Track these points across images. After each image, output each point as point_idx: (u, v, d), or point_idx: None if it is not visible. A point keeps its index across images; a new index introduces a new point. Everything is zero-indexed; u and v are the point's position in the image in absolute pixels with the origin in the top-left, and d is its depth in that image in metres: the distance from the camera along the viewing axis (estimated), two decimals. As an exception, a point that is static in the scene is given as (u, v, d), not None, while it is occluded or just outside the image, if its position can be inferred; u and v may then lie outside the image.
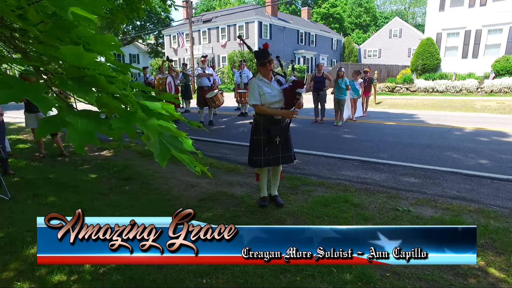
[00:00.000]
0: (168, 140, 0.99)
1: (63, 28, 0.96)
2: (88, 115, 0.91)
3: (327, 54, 39.63)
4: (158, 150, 0.95)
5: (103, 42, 1.02)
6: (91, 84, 0.93)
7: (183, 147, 1.01)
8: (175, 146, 0.99)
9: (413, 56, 20.63)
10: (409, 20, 58.52)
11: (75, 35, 0.97)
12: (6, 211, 3.61)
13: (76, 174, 5.07)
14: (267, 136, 3.50)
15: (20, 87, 0.84)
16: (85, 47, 0.99)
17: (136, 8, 4.93)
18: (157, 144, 0.95)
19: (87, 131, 0.86)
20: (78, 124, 0.86)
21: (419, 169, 5.05)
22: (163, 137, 0.98)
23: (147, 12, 32.06)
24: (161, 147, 0.96)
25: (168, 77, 9.94)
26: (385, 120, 10.21)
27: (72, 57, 0.87)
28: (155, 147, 0.95)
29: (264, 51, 3.42)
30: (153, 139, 0.94)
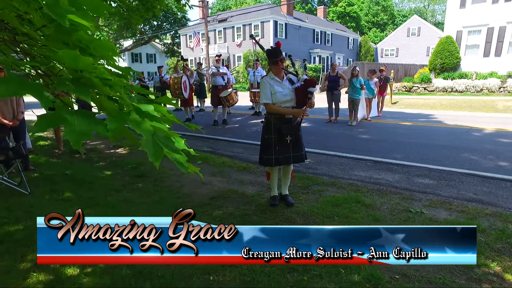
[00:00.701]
0: (161, 140, 1.01)
1: (64, 32, 1.00)
2: (84, 114, 0.95)
3: (343, 53, 39.19)
4: (151, 150, 0.97)
5: (102, 46, 1.06)
6: (87, 85, 0.96)
7: (175, 147, 1.03)
8: (168, 145, 1.01)
9: (431, 55, 20.14)
10: (428, 18, 57.20)
11: (76, 39, 1.02)
12: (26, 205, 3.74)
13: (91, 170, 5.20)
14: (278, 135, 3.49)
15: (22, 83, 0.88)
16: (85, 51, 1.03)
17: (151, 7, 5.01)
18: (150, 144, 0.97)
19: (83, 128, 0.90)
20: (75, 121, 0.89)
21: (434, 170, 4.94)
22: (156, 137, 1.00)
23: (164, 12, 32.49)
24: (154, 147, 0.98)
25: (183, 76, 10.04)
26: (401, 120, 10.02)
27: (69, 60, 0.91)
28: (148, 147, 0.97)
29: (276, 50, 3.42)
30: (146, 139, 0.97)
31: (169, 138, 1.02)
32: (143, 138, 0.96)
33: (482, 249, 2.68)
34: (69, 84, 0.93)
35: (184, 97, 10.15)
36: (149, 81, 13.98)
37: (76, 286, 2.24)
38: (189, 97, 10.39)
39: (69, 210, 3.58)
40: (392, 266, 2.48)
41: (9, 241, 2.89)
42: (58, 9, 0.88)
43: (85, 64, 0.93)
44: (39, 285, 2.27)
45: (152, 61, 46.11)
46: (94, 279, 2.32)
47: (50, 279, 2.33)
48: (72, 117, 0.90)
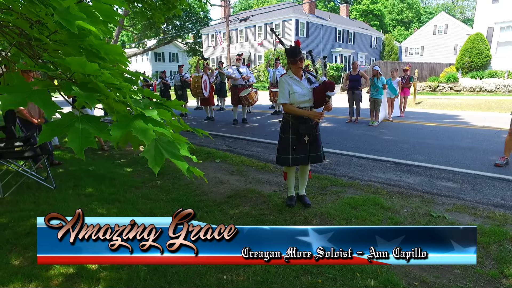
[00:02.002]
0: (164, 146, 1.01)
1: (76, 37, 1.03)
2: (89, 120, 0.97)
3: (365, 52, 38.44)
4: (152, 157, 0.97)
5: (112, 51, 1.08)
6: (93, 90, 0.99)
7: (178, 153, 1.03)
8: (170, 151, 1.01)
9: (459, 53, 19.45)
10: (456, 15, 55.17)
11: (87, 44, 1.04)
12: (51, 199, 3.89)
13: (113, 167, 5.35)
14: (296, 135, 3.46)
15: (27, 92, 0.91)
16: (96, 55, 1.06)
17: (172, 6, 5.08)
18: (152, 150, 0.98)
19: (87, 136, 0.91)
20: (80, 129, 0.91)
21: (459, 173, 4.76)
22: (159, 142, 1.00)
23: (186, 12, 32.96)
24: (156, 153, 0.98)
25: (204, 75, 10.14)
26: (425, 121, 9.72)
27: (76, 66, 0.93)
28: (149, 154, 0.97)
29: (296, 49, 3.37)
30: (148, 146, 0.97)
31: (173, 143, 1.03)
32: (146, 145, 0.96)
33: (510, 259, 2.55)
34: (76, 88, 0.96)
35: (204, 96, 10.25)
36: (171, 80, 14.20)
37: (94, 279, 2.30)
38: (209, 96, 10.49)
39: (91, 205, 3.70)
40: (410, 272, 2.41)
41: (35, 234, 2.98)
42: (68, 15, 0.90)
43: (92, 69, 0.95)
44: (60, 277, 2.35)
45: (175, 60, 46.88)
46: (111, 273, 2.37)
47: (70, 271, 2.40)
48: (77, 125, 0.92)
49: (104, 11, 1.05)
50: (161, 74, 13.41)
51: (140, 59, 46.42)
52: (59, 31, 1.01)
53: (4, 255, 2.64)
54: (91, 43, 1.04)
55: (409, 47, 39.40)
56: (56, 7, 0.91)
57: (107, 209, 3.60)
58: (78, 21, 0.91)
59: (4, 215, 3.41)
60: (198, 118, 11.30)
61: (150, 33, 33.43)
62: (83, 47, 1.05)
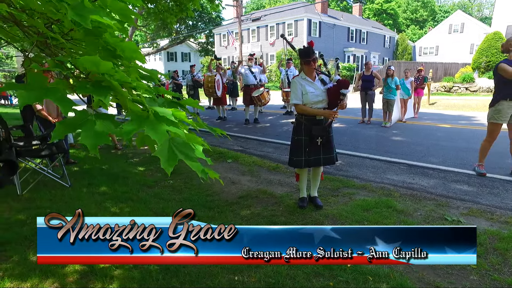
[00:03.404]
0: (178, 147, 1.00)
1: (92, 34, 1.04)
2: (103, 117, 0.98)
3: (378, 51, 37.98)
4: (165, 157, 0.96)
5: (128, 48, 1.09)
6: (107, 88, 0.99)
7: (192, 154, 1.02)
8: (183, 152, 1.00)
9: (475, 52, 19.02)
10: (473, 13, 53.99)
11: (103, 41, 1.05)
12: (66, 197, 3.97)
13: (126, 166, 5.42)
14: (309, 137, 3.44)
15: (43, 89, 0.93)
16: (112, 53, 1.07)
17: (185, 8, 5.13)
18: (165, 150, 0.97)
19: (99, 134, 0.92)
20: (93, 126, 0.92)
21: (474, 176, 4.66)
22: (173, 142, 0.99)
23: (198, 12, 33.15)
24: (169, 153, 0.97)
25: (217, 75, 10.20)
26: (439, 122, 9.54)
27: (90, 64, 0.94)
28: (162, 154, 0.96)
29: (309, 49, 3.36)
30: (161, 146, 0.96)
31: (187, 144, 1.02)
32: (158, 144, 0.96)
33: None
34: (89, 87, 0.97)
35: (217, 96, 10.30)
36: (182, 79, 14.32)
37: (108, 277, 2.34)
38: (222, 96, 10.53)
39: (104, 203, 3.76)
40: (424, 277, 2.37)
41: (50, 231, 3.07)
42: (83, 10, 0.91)
43: (105, 68, 0.95)
44: (75, 274, 2.40)
45: (187, 59, 47.22)
46: (124, 272, 2.41)
47: (84, 269, 2.45)
48: (90, 122, 0.94)
49: (120, 10, 1.06)
50: (173, 74, 13.52)
51: (153, 59, 46.91)
52: (75, 29, 1.03)
53: (23, 251, 2.70)
54: (107, 40, 1.05)
55: (423, 47, 38.76)
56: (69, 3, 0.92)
57: (120, 208, 3.65)
58: (93, 15, 0.91)
59: (22, 211, 3.50)
60: (210, 118, 11.36)
61: (163, 33, 33.76)
62: (99, 45, 1.06)
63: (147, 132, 0.95)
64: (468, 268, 2.46)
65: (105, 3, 1.05)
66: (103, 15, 0.92)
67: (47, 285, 2.29)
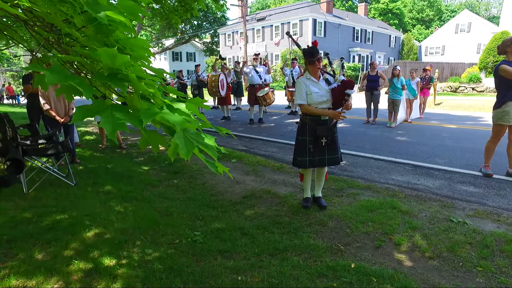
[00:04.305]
0: (192, 136, 1.01)
1: (103, 32, 1.04)
2: (119, 108, 0.99)
3: (384, 51, 37.77)
4: (183, 143, 0.97)
5: (138, 45, 1.09)
6: (123, 79, 1.01)
7: (207, 143, 1.03)
8: (199, 141, 1.01)
9: (482, 52, 18.83)
10: (481, 12, 53.47)
11: (113, 39, 1.06)
12: (71, 196, 3.99)
13: (131, 165, 5.45)
14: (313, 137, 3.43)
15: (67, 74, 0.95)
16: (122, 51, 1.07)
17: (190, 8, 5.14)
18: (182, 137, 0.98)
19: (118, 120, 0.94)
20: (111, 113, 0.93)
21: (481, 177, 4.61)
22: (187, 133, 1.00)
23: (203, 12, 33.23)
24: (186, 140, 0.98)
25: (221, 75, 10.21)
26: (445, 122, 9.47)
27: (107, 58, 0.95)
28: (180, 140, 0.97)
29: (313, 49, 3.34)
30: (179, 132, 0.97)
31: (200, 134, 1.03)
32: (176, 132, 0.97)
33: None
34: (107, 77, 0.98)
35: (221, 95, 10.31)
36: (187, 79, 14.36)
37: (112, 276, 2.35)
38: (226, 95, 10.55)
39: (109, 202, 3.78)
40: (429, 279, 2.35)
41: (56, 229, 3.10)
42: (97, 6, 0.92)
43: (122, 61, 0.96)
44: (80, 273, 2.42)
45: (192, 59, 47.33)
46: (128, 270, 2.42)
47: (89, 267, 2.47)
48: (108, 110, 0.95)
49: (128, 7, 1.07)
50: (178, 74, 13.56)
51: (158, 59, 47.10)
52: (87, 26, 1.04)
53: (28, 249, 2.73)
54: (117, 38, 1.06)
55: (429, 47, 38.47)
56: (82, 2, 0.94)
57: (125, 207, 3.67)
58: (107, 12, 0.92)
59: (28, 210, 3.53)
60: (214, 117, 11.38)
61: (168, 32, 33.90)
62: (108, 43, 1.07)
63: (163, 119, 0.95)
64: (474, 270, 2.43)
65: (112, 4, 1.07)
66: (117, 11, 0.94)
67: (51, 283, 2.30)
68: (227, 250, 2.73)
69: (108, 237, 2.95)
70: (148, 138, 1.12)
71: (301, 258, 2.61)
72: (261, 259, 2.60)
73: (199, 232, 3.06)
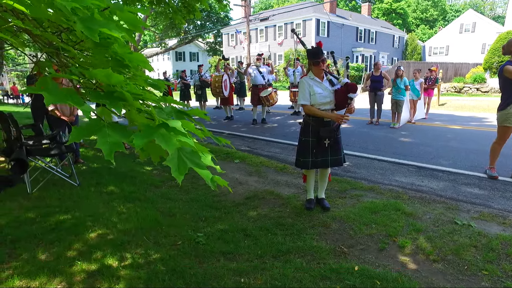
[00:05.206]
0: (187, 156, 1.02)
1: (101, 45, 1.05)
2: (116, 126, 0.99)
3: (387, 51, 37.63)
4: (175, 166, 0.98)
5: (136, 59, 1.10)
6: (119, 98, 1.02)
7: (201, 163, 1.03)
8: (193, 161, 1.02)
9: (487, 52, 18.69)
10: (486, 12, 53.13)
11: (111, 52, 1.06)
12: (75, 196, 4.00)
13: (133, 166, 5.46)
14: (316, 138, 3.41)
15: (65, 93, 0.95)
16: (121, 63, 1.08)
17: (192, 10, 5.14)
18: (175, 159, 0.98)
19: (115, 140, 0.94)
20: (107, 133, 0.93)
21: (486, 179, 4.57)
22: (182, 152, 1.01)
23: (207, 12, 33.27)
24: (179, 162, 0.99)
25: (224, 75, 10.21)
26: (449, 123, 9.41)
27: (102, 76, 0.96)
28: (172, 163, 0.98)
29: (318, 50, 3.32)
30: (171, 155, 0.98)
31: (196, 153, 1.03)
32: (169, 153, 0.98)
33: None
34: (103, 97, 0.98)
35: (224, 96, 10.31)
36: (190, 79, 14.38)
37: (115, 277, 2.35)
38: (229, 96, 10.55)
39: (112, 203, 3.79)
40: (433, 282, 2.33)
41: (60, 230, 3.11)
42: (93, 22, 0.93)
43: (117, 80, 0.97)
44: (83, 274, 2.42)
45: (195, 59, 47.41)
46: (131, 271, 2.42)
47: (92, 268, 2.47)
48: (105, 129, 0.95)
49: (129, 19, 1.08)
50: (181, 74, 13.58)
51: (161, 58, 47.23)
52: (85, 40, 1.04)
53: (32, 249, 2.73)
54: (115, 51, 1.06)
55: (433, 47, 38.28)
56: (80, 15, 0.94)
57: (127, 207, 3.67)
58: (102, 28, 0.93)
59: (32, 210, 3.54)
60: (217, 117, 11.38)
61: (172, 32, 33.96)
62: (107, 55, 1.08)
63: (158, 141, 0.96)
64: (480, 274, 2.41)
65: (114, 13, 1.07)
66: (112, 27, 0.94)
67: (55, 284, 2.30)
68: (230, 252, 2.73)
69: (111, 238, 2.95)
70: (147, 149, 1.12)
71: (304, 260, 2.60)
72: (264, 261, 2.59)
73: (202, 233, 3.06)
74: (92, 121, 0.98)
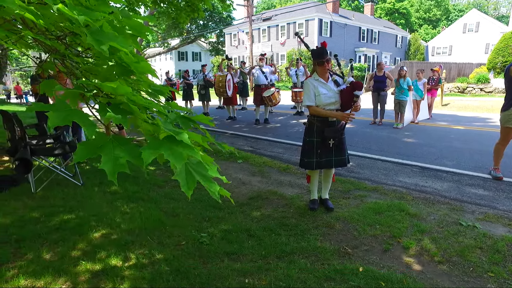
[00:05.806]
0: (194, 168, 1.02)
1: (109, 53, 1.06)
2: (121, 141, 0.99)
3: (390, 51, 37.52)
4: (184, 180, 0.99)
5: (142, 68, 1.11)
6: (126, 111, 1.02)
7: (208, 175, 1.04)
8: (200, 173, 1.02)
9: (491, 52, 18.60)
10: (489, 12, 52.88)
11: (117, 57, 1.08)
12: (78, 196, 4.01)
13: (136, 165, 5.45)
14: (321, 138, 3.41)
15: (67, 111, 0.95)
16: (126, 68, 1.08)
17: (196, 8, 5.15)
18: (183, 173, 0.99)
19: (119, 160, 0.94)
20: (112, 151, 0.93)
21: (490, 180, 4.55)
22: (189, 164, 1.01)
23: (209, 12, 33.29)
24: (187, 176, 0.99)
25: (228, 75, 10.21)
26: (453, 124, 9.37)
27: (109, 89, 0.96)
28: (181, 177, 0.99)
29: (322, 50, 3.31)
30: (179, 169, 0.98)
31: (202, 164, 1.04)
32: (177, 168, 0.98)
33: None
34: (110, 110, 0.99)
35: (228, 96, 10.31)
36: (193, 79, 14.39)
37: (119, 277, 2.35)
38: (232, 96, 10.55)
39: (115, 203, 3.79)
40: (438, 284, 2.31)
41: (64, 229, 3.11)
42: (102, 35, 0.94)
43: (123, 92, 0.98)
44: (87, 273, 2.42)
45: (198, 59, 47.46)
46: (135, 272, 2.42)
47: (96, 268, 2.47)
48: (110, 146, 0.95)
49: (134, 26, 1.09)
50: (184, 74, 13.59)
51: (164, 58, 47.30)
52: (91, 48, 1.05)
53: (37, 249, 2.74)
54: (121, 58, 1.07)
55: (436, 47, 38.13)
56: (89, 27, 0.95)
57: (131, 207, 3.68)
58: (111, 42, 0.94)
59: (36, 210, 3.56)
60: (220, 117, 11.39)
61: (174, 32, 34.01)
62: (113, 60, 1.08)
63: (166, 156, 0.97)
64: (485, 276, 2.39)
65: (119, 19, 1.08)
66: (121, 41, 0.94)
67: (59, 283, 2.31)
68: (234, 252, 2.72)
69: (115, 238, 2.96)
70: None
71: (308, 261, 2.59)
72: (268, 262, 2.58)
73: (206, 233, 3.06)
74: (97, 136, 0.99)
